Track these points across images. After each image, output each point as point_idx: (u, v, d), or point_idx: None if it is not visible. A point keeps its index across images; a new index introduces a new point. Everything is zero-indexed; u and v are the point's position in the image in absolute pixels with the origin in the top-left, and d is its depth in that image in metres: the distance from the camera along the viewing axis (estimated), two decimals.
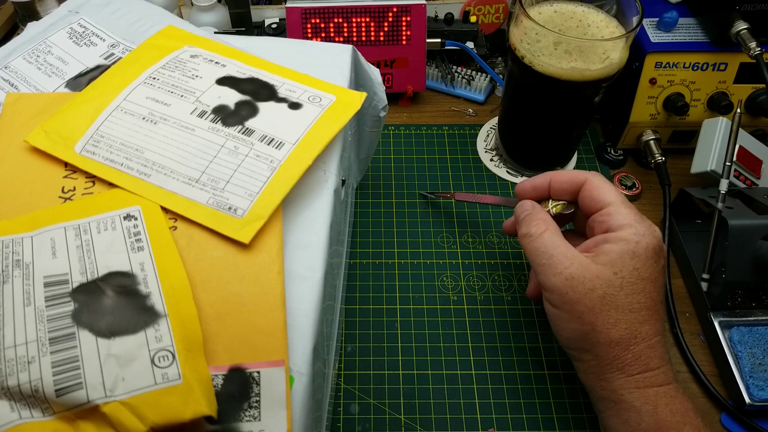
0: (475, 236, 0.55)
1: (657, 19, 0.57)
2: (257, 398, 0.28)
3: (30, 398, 0.26)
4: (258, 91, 0.39)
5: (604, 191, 0.40)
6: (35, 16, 0.68)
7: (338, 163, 0.38)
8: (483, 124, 0.65)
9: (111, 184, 0.34)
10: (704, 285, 0.50)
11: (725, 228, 0.47)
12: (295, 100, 0.38)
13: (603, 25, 0.51)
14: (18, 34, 0.69)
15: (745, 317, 0.48)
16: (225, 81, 0.39)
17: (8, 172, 0.34)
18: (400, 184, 0.59)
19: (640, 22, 0.48)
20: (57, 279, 0.29)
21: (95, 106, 0.37)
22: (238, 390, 0.28)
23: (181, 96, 0.38)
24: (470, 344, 0.48)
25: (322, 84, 0.41)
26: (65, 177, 0.34)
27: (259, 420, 0.28)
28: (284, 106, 0.38)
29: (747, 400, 0.44)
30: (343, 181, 0.40)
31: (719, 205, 0.49)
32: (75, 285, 0.28)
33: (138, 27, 0.45)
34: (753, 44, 0.51)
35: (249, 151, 0.35)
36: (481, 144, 0.63)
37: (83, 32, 0.43)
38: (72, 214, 0.32)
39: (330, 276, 0.37)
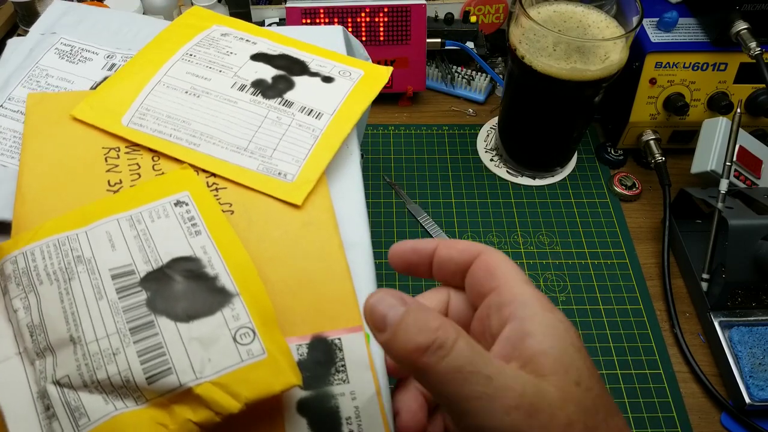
0: (475, 236, 0.55)
1: (657, 19, 0.57)
2: (342, 362, 0.29)
3: (122, 389, 0.26)
4: (291, 66, 0.40)
5: (502, 267, 0.26)
6: (35, 16, 0.68)
7: (357, 138, 0.40)
8: (483, 124, 0.65)
9: (160, 153, 0.35)
10: (704, 285, 0.50)
11: (725, 228, 0.47)
12: (327, 75, 0.40)
13: (603, 25, 0.51)
14: (18, 35, 0.69)
15: (745, 317, 0.48)
16: (259, 57, 0.41)
17: (50, 169, 0.34)
18: (400, 184, 0.59)
19: (640, 22, 0.48)
20: (123, 270, 0.29)
21: (137, 82, 0.38)
22: (323, 357, 0.29)
23: (220, 71, 0.39)
24: None
25: (348, 59, 0.43)
26: (108, 171, 0.34)
27: (348, 382, 0.29)
28: (317, 79, 0.40)
29: (747, 400, 0.44)
30: (363, 156, 0.41)
31: (719, 205, 0.49)
32: (142, 274, 0.29)
33: (125, 34, 0.44)
34: (753, 44, 0.51)
35: (291, 121, 0.37)
36: (481, 144, 0.64)
37: (71, 50, 0.42)
38: (121, 205, 0.32)
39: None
